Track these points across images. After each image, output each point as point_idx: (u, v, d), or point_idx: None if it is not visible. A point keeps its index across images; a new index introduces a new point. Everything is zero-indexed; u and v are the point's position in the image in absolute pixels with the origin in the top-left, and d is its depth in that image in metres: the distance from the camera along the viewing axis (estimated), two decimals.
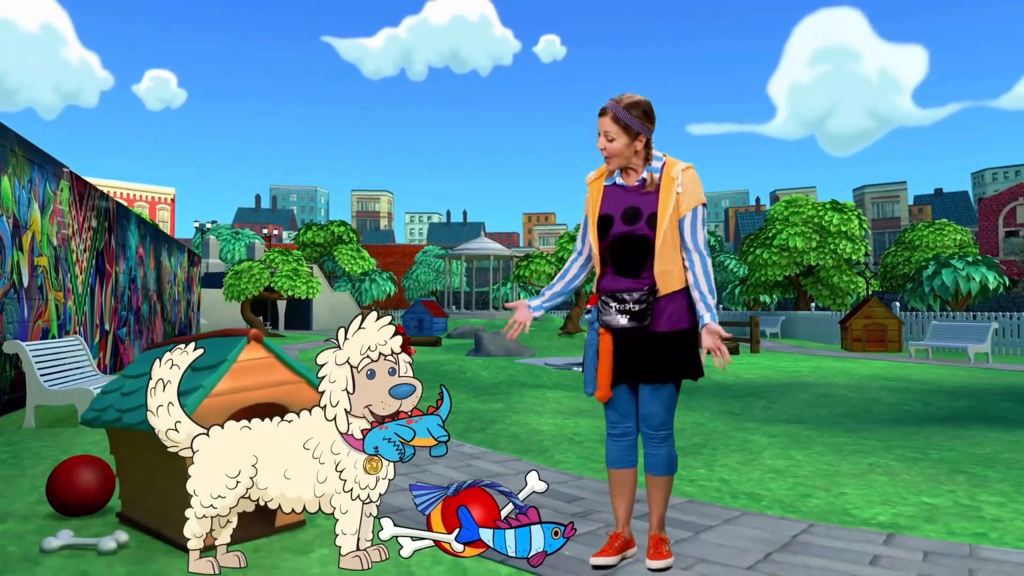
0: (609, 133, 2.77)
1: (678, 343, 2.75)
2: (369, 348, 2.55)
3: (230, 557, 2.81)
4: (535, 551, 2.56)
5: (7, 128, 7.34)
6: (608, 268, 2.84)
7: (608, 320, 2.77)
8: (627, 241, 2.77)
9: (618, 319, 2.75)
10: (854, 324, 19.01)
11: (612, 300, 2.77)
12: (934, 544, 3.16)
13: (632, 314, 2.74)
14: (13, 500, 3.83)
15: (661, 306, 2.75)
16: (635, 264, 2.77)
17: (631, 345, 2.76)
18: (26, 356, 6.35)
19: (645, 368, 2.75)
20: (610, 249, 2.81)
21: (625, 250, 2.78)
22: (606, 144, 2.79)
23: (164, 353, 2.70)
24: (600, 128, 2.79)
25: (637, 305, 2.73)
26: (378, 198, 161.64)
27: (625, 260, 2.78)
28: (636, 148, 2.79)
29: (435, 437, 2.52)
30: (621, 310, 2.75)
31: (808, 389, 9.34)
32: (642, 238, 2.75)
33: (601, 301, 2.81)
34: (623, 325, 2.74)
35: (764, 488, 4.16)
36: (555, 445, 5.47)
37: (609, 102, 2.80)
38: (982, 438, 5.77)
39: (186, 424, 2.67)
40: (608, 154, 2.80)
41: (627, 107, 2.77)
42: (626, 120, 2.75)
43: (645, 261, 2.76)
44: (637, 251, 2.76)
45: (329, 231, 44.94)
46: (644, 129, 2.78)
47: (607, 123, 2.77)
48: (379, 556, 2.79)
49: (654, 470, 2.84)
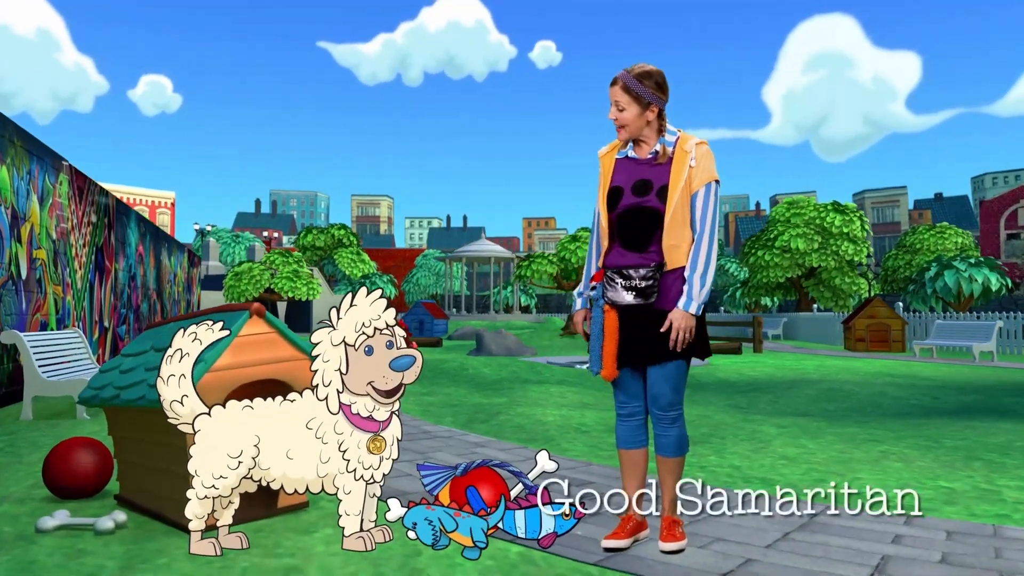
0: (620, 103, 2.70)
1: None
2: (363, 324, 2.47)
3: (232, 538, 2.73)
4: (545, 532, 2.47)
5: (6, 118, 7.27)
6: (616, 243, 2.76)
7: (614, 297, 2.69)
8: (636, 213, 2.70)
9: (624, 295, 2.67)
10: (857, 324, 18.94)
11: (618, 276, 2.69)
12: (957, 524, 3.08)
13: (638, 291, 2.65)
14: (9, 485, 3.75)
15: (667, 283, 2.67)
16: (643, 237, 2.68)
17: (637, 322, 2.68)
18: (24, 346, 6.26)
19: (652, 346, 2.66)
20: (619, 221, 2.73)
21: (634, 222, 2.70)
22: (617, 114, 2.71)
23: (168, 330, 2.63)
24: (611, 98, 2.72)
25: (643, 281, 2.65)
26: (378, 203, 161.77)
27: (633, 233, 2.70)
28: (648, 119, 2.71)
29: (474, 540, 2.43)
30: (627, 286, 2.67)
31: (813, 385, 9.26)
32: (652, 210, 2.67)
33: (606, 277, 2.73)
34: (629, 302, 2.66)
35: (777, 474, 4.07)
36: (561, 435, 5.38)
37: (621, 72, 2.72)
38: (995, 428, 5.68)
39: (192, 399, 2.59)
40: (619, 124, 2.73)
41: (638, 76, 2.69)
42: (637, 90, 2.68)
43: (653, 234, 2.67)
44: (646, 224, 2.68)
45: (329, 234, 44.91)
46: (656, 99, 2.70)
47: (617, 92, 2.70)
48: (383, 537, 2.71)
49: (665, 451, 2.76)
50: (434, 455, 4.54)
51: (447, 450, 4.69)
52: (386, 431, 2.56)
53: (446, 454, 4.58)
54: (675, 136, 2.76)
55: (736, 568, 2.52)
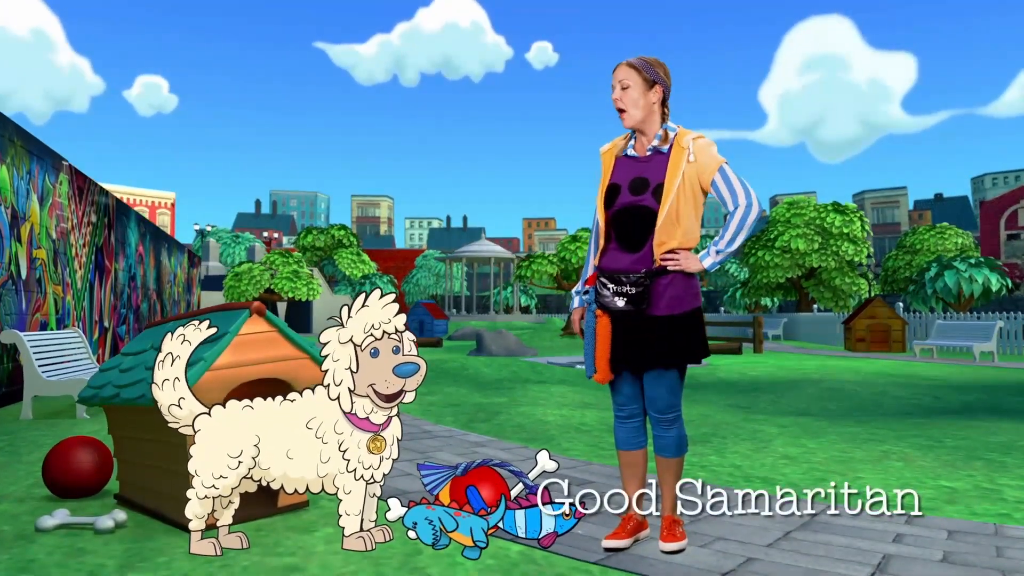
0: (624, 80, 2.66)
1: (678, 327, 2.63)
2: (373, 326, 2.46)
3: (232, 538, 2.72)
4: (546, 532, 2.46)
5: (6, 118, 7.27)
6: (611, 242, 2.72)
7: (605, 302, 2.66)
8: (630, 212, 2.66)
9: (615, 301, 2.63)
10: (857, 324, 18.92)
11: (609, 282, 2.65)
12: (958, 523, 3.07)
13: (629, 297, 2.61)
14: (8, 484, 3.74)
15: (660, 289, 2.62)
16: (639, 236, 2.64)
17: (630, 327, 2.64)
18: (23, 346, 6.25)
19: (645, 353, 2.63)
20: (615, 220, 2.70)
21: (629, 221, 2.66)
22: (620, 93, 2.67)
23: (168, 329, 2.62)
24: (615, 79, 2.69)
25: (634, 288, 2.61)
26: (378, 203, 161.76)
27: (629, 232, 2.66)
28: (652, 100, 2.67)
29: (474, 540, 2.42)
30: (618, 292, 2.63)
31: (814, 384, 9.25)
32: (647, 209, 2.63)
33: (599, 282, 2.69)
34: (620, 308, 2.63)
35: (778, 473, 4.07)
36: (562, 434, 5.37)
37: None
38: (996, 428, 5.67)
39: (189, 401, 2.58)
40: (622, 104, 2.67)
41: (642, 58, 2.69)
42: (641, 67, 2.66)
43: (648, 234, 2.63)
44: (641, 222, 2.64)
45: (329, 235, 44.89)
46: (660, 79, 2.68)
47: (622, 70, 2.67)
48: (383, 537, 2.70)
49: (664, 452, 2.74)
50: (435, 455, 4.53)
51: (448, 449, 4.68)
52: (386, 431, 2.55)
53: (447, 453, 4.57)
54: (674, 131, 2.73)
55: (737, 567, 2.52)
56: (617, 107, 2.70)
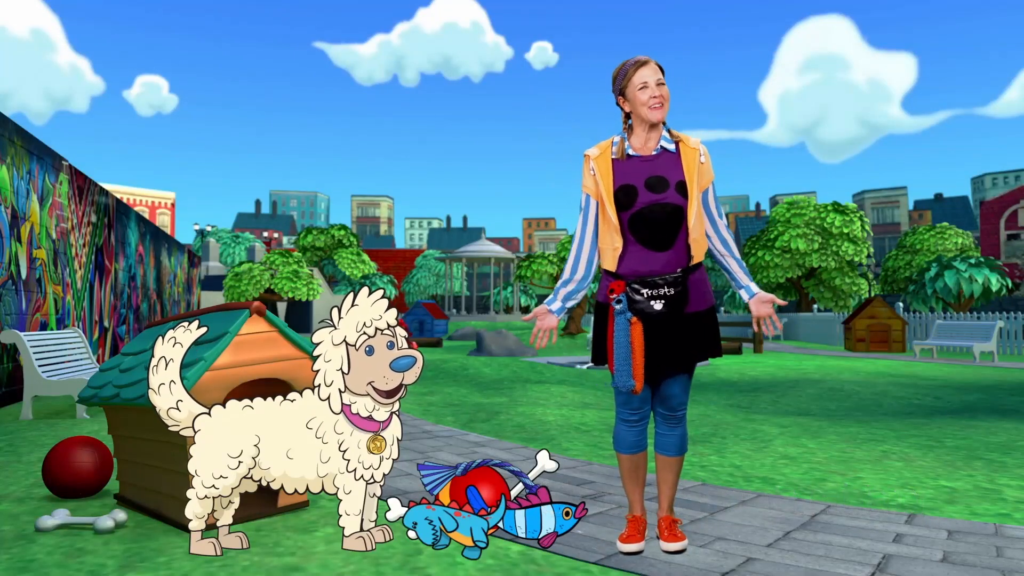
0: (660, 78, 2.61)
1: (704, 324, 2.63)
2: (364, 324, 2.46)
3: (232, 538, 2.72)
4: (546, 532, 2.46)
5: (6, 118, 7.26)
6: (632, 244, 2.63)
7: (641, 307, 2.56)
8: (655, 211, 2.59)
9: (651, 305, 2.56)
10: (857, 324, 18.92)
11: (643, 286, 2.57)
12: (958, 523, 3.07)
13: (667, 299, 2.56)
14: (8, 484, 3.74)
15: (692, 285, 2.61)
16: (667, 234, 2.59)
17: (663, 330, 2.59)
18: (23, 346, 6.25)
19: (674, 351, 2.59)
20: (637, 220, 2.61)
21: (655, 221, 2.59)
22: (658, 91, 2.59)
23: (166, 330, 2.62)
24: (644, 78, 2.60)
25: (672, 288, 2.55)
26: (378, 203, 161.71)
27: (655, 231, 2.59)
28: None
29: (474, 540, 2.42)
30: (655, 295, 2.56)
31: (815, 384, 9.24)
32: (674, 206, 2.59)
33: (630, 287, 2.58)
34: (657, 311, 2.56)
35: (778, 473, 4.06)
36: (562, 434, 5.37)
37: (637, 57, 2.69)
38: (996, 428, 5.67)
39: (188, 403, 2.58)
40: (662, 101, 2.60)
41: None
42: (660, 66, 2.66)
43: (679, 230, 2.60)
44: (669, 220, 2.59)
45: (329, 235, 44.90)
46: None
47: (653, 68, 2.61)
48: (383, 536, 2.70)
49: (668, 450, 2.72)
50: (435, 454, 4.53)
51: (448, 449, 4.68)
52: (386, 431, 2.55)
53: (447, 453, 4.57)
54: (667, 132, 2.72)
55: (738, 567, 2.51)
56: (656, 104, 2.60)
